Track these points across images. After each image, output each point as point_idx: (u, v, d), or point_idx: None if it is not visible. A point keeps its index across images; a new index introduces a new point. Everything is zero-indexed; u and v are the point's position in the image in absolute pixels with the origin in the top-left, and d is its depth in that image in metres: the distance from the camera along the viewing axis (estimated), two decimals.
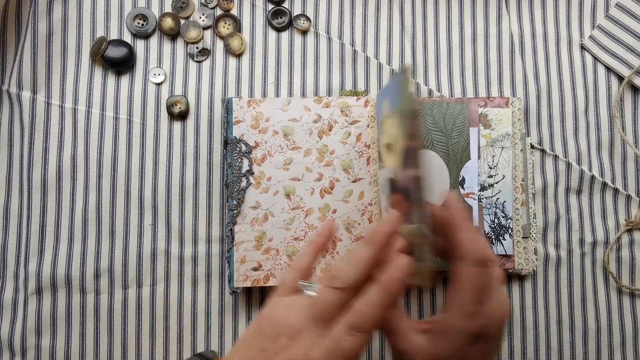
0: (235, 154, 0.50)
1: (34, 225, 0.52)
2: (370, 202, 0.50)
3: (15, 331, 0.51)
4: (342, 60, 0.54)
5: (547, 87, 0.53)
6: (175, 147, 0.53)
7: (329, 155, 0.50)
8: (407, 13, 0.54)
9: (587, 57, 0.54)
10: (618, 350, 0.52)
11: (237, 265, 0.49)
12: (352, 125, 0.51)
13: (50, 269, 0.51)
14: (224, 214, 0.52)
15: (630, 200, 0.53)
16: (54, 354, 0.51)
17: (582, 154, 0.53)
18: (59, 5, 0.53)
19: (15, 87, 0.52)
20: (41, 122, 0.52)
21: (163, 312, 0.51)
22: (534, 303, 0.52)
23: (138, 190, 0.52)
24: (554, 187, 0.52)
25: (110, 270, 0.51)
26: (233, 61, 0.54)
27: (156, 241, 0.52)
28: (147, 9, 0.54)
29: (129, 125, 0.53)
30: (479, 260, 0.35)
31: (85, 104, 0.53)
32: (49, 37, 0.53)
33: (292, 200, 0.50)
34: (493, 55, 0.54)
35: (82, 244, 0.51)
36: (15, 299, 0.51)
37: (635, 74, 0.53)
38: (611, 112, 0.53)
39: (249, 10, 0.54)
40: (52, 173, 0.52)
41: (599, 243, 0.52)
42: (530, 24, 0.54)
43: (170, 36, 0.54)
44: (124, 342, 0.51)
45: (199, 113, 0.53)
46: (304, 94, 0.53)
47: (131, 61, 0.53)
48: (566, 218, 0.52)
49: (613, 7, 0.54)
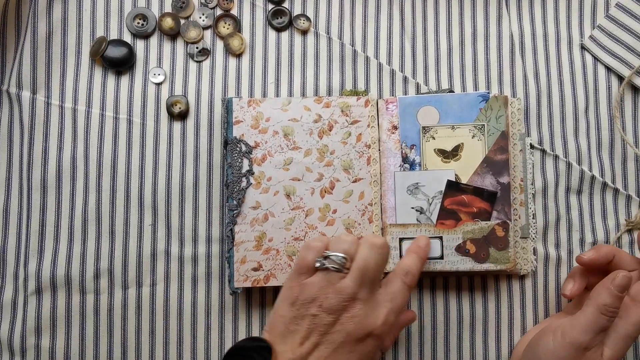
0: (235, 154, 0.50)
1: (34, 225, 0.51)
2: (371, 202, 0.50)
3: (15, 331, 0.51)
4: (342, 60, 0.54)
5: (547, 87, 0.53)
6: (175, 147, 0.53)
7: (329, 155, 0.50)
8: (407, 13, 0.54)
9: (587, 57, 0.54)
10: None
11: (237, 265, 0.49)
12: (352, 125, 0.51)
13: (50, 269, 0.51)
14: (224, 214, 0.52)
15: (631, 200, 0.53)
16: (54, 354, 0.51)
17: (583, 154, 0.53)
18: (59, 5, 0.53)
19: (15, 87, 0.52)
20: (41, 122, 0.52)
21: (163, 312, 0.51)
22: (534, 303, 0.52)
23: (138, 190, 0.52)
24: (554, 187, 0.52)
25: (110, 270, 0.51)
26: (233, 61, 0.54)
27: (156, 241, 0.52)
28: (147, 9, 0.54)
29: (129, 125, 0.53)
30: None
31: (85, 104, 0.53)
32: (49, 37, 0.53)
33: (292, 200, 0.50)
34: (493, 55, 0.54)
35: (82, 244, 0.51)
36: (15, 299, 0.51)
37: (635, 74, 0.53)
38: (611, 112, 0.53)
39: (249, 10, 0.54)
40: (52, 173, 0.52)
41: (599, 243, 0.52)
42: (530, 24, 0.54)
43: (170, 36, 0.53)
44: (124, 342, 0.51)
45: (199, 113, 0.53)
46: (304, 94, 0.53)
47: (131, 61, 0.53)
48: (566, 218, 0.52)
49: (613, 7, 0.54)
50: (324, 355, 0.38)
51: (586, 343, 0.42)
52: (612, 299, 0.42)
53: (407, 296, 0.43)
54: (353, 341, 0.39)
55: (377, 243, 0.42)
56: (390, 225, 0.50)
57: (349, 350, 0.39)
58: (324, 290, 0.40)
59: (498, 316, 0.52)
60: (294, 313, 0.40)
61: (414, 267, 0.43)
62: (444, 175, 0.50)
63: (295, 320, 0.40)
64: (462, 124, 0.50)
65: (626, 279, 0.43)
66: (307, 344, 0.39)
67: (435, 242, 0.49)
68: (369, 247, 0.41)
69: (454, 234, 0.49)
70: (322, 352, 0.38)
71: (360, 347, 0.39)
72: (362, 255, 0.41)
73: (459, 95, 0.51)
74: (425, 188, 0.50)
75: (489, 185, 0.49)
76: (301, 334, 0.39)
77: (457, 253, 0.49)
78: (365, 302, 0.40)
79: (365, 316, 0.40)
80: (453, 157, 0.50)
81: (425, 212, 0.50)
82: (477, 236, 0.49)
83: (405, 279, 0.43)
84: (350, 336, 0.39)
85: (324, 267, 0.40)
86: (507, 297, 0.52)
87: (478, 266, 0.49)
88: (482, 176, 0.49)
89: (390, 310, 0.41)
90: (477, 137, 0.50)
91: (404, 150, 0.50)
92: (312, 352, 0.38)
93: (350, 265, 0.41)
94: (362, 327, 0.39)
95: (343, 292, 0.39)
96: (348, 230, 0.50)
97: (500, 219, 0.49)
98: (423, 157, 0.50)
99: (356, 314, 0.39)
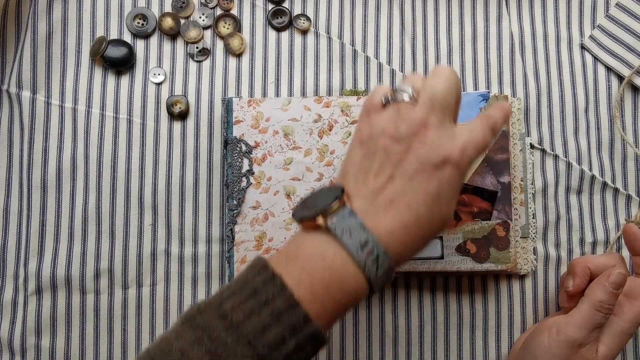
0: (235, 154, 0.50)
1: (34, 225, 0.51)
2: None
3: (15, 331, 0.51)
4: (342, 60, 0.54)
5: (547, 86, 0.53)
6: (175, 147, 0.53)
7: (330, 155, 0.50)
8: (407, 13, 0.54)
9: (587, 57, 0.54)
10: None
11: (237, 265, 0.49)
12: (352, 125, 0.51)
13: (50, 269, 0.51)
14: (224, 214, 0.52)
15: (631, 200, 0.53)
16: (54, 354, 0.51)
17: (582, 154, 0.53)
18: (59, 5, 0.53)
19: (15, 87, 0.52)
20: (41, 122, 0.52)
21: (163, 312, 0.51)
22: (534, 303, 0.52)
23: (138, 190, 0.52)
24: (554, 186, 0.52)
25: (110, 270, 0.51)
26: (233, 61, 0.54)
27: (156, 241, 0.52)
28: (147, 8, 0.54)
29: (129, 125, 0.53)
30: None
31: (85, 104, 0.53)
32: (49, 37, 0.53)
33: (293, 200, 0.50)
34: (493, 55, 0.54)
35: (82, 244, 0.51)
36: (15, 299, 0.51)
37: (635, 73, 0.53)
38: (611, 112, 0.53)
39: (249, 10, 0.54)
40: (52, 173, 0.52)
41: (599, 243, 0.52)
42: (530, 24, 0.54)
43: (170, 36, 0.53)
44: (124, 342, 0.51)
45: (199, 113, 0.53)
46: (304, 94, 0.53)
47: (131, 61, 0.53)
48: (566, 218, 0.52)
49: (613, 7, 0.54)
50: (399, 186, 0.35)
51: (581, 339, 0.42)
52: (607, 296, 0.42)
53: (487, 136, 0.38)
54: (429, 168, 0.35)
55: (445, 71, 0.37)
56: None
57: (426, 178, 0.35)
58: (392, 121, 0.36)
59: (498, 316, 0.52)
60: (364, 151, 0.37)
61: (495, 114, 0.39)
62: None
63: (366, 158, 0.36)
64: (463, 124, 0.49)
65: (621, 276, 0.43)
66: (381, 178, 0.35)
67: (435, 242, 0.49)
68: (436, 76, 0.37)
69: (454, 234, 0.49)
70: (398, 183, 0.35)
71: (439, 174, 0.35)
72: (429, 83, 0.37)
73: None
74: None
75: (489, 184, 0.49)
76: (374, 170, 0.36)
77: (457, 253, 0.49)
78: (438, 128, 0.36)
79: (440, 141, 0.36)
80: None
81: None
82: (478, 236, 0.49)
83: (486, 121, 0.38)
84: (424, 162, 0.35)
85: (392, 100, 0.37)
86: (507, 297, 0.52)
87: (478, 266, 0.49)
88: (482, 176, 0.49)
89: (468, 141, 0.36)
90: None
91: None
92: (387, 185, 0.35)
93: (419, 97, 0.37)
94: (437, 152, 0.35)
95: (412, 119, 0.36)
96: None
97: (501, 219, 0.49)
98: None
99: (429, 138, 0.35)
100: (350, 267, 0.34)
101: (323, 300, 0.33)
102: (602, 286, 0.43)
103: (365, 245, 0.34)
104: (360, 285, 0.34)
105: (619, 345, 0.43)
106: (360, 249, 0.33)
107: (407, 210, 0.35)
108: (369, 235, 0.34)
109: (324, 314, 0.34)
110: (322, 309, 0.33)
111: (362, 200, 0.35)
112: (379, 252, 0.34)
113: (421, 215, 0.35)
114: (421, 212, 0.35)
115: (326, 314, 0.34)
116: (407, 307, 0.52)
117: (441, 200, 0.35)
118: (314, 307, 0.33)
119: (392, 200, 0.35)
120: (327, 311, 0.34)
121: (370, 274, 0.34)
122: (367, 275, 0.34)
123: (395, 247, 0.34)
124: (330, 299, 0.34)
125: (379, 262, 0.34)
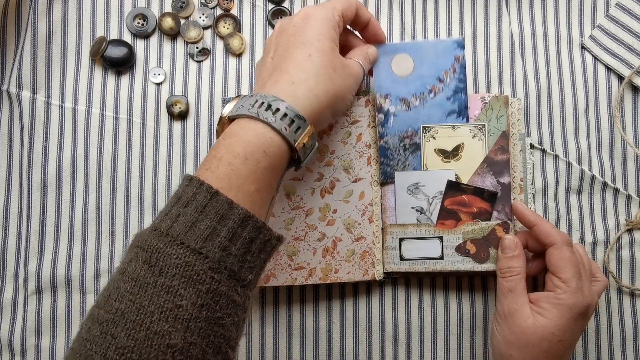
0: None
1: (34, 225, 0.52)
2: (371, 202, 0.50)
3: (15, 331, 0.51)
4: None
5: (547, 86, 0.53)
6: (175, 147, 0.53)
7: (329, 155, 0.50)
8: (407, 13, 0.54)
9: (587, 57, 0.54)
10: (618, 350, 0.52)
11: None
12: (352, 125, 0.50)
13: (50, 269, 0.51)
14: None
15: (631, 200, 0.53)
16: (54, 354, 0.51)
17: (583, 154, 0.53)
18: (59, 5, 0.53)
19: (15, 87, 0.52)
20: (41, 122, 0.52)
21: None
22: None
23: (138, 190, 0.52)
24: (554, 186, 0.52)
25: (110, 271, 0.51)
26: (233, 61, 0.54)
27: None
28: (147, 8, 0.54)
29: (129, 125, 0.53)
30: (567, 241, 0.45)
31: (85, 104, 0.53)
32: (49, 37, 0.53)
33: (292, 200, 0.50)
34: (493, 55, 0.54)
35: (82, 244, 0.51)
36: (15, 299, 0.51)
37: (635, 73, 0.53)
38: (611, 112, 0.53)
39: (249, 10, 0.54)
40: (52, 173, 0.52)
41: (599, 243, 0.52)
42: (530, 24, 0.54)
43: (170, 36, 0.53)
44: None
45: (199, 113, 0.53)
46: None
47: (131, 61, 0.53)
48: (566, 218, 0.52)
49: (613, 7, 0.54)
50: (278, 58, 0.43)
51: (502, 309, 0.45)
52: (501, 262, 0.47)
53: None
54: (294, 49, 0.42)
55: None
56: (390, 225, 0.50)
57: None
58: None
59: None
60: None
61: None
62: (444, 175, 0.50)
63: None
64: (463, 124, 0.50)
65: (506, 241, 0.47)
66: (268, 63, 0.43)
67: (435, 242, 0.49)
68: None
69: (454, 234, 0.49)
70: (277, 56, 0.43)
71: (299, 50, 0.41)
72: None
73: (434, 42, 0.51)
74: (426, 188, 0.50)
75: (489, 185, 0.49)
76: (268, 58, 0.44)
77: (457, 253, 0.49)
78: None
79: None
80: (453, 157, 0.50)
81: (425, 212, 0.50)
82: (478, 236, 0.49)
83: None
84: (289, 51, 0.42)
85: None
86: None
87: (478, 266, 0.49)
88: (482, 176, 0.49)
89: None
90: (477, 137, 0.50)
91: (379, 100, 0.50)
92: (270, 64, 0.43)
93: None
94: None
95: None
96: (348, 231, 0.50)
97: (501, 219, 0.49)
98: (423, 157, 0.50)
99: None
100: (260, 129, 0.38)
101: (244, 184, 0.36)
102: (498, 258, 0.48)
103: (262, 105, 0.38)
104: (276, 142, 0.38)
105: (558, 316, 0.43)
106: (260, 111, 0.38)
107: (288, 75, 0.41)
108: (266, 97, 0.38)
109: (250, 201, 0.36)
110: (246, 195, 0.36)
111: (258, 84, 0.43)
112: (277, 106, 0.38)
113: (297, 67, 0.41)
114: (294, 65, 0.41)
115: (252, 199, 0.37)
116: (407, 307, 0.52)
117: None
118: (237, 195, 0.36)
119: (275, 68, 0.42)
120: (253, 195, 0.37)
121: (279, 128, 0.38)
122: (276, 128, 0.38)
123: (289, 99, 0.39)
124: (254, 180, 0.36)
125: (277, 111, 0.38)
